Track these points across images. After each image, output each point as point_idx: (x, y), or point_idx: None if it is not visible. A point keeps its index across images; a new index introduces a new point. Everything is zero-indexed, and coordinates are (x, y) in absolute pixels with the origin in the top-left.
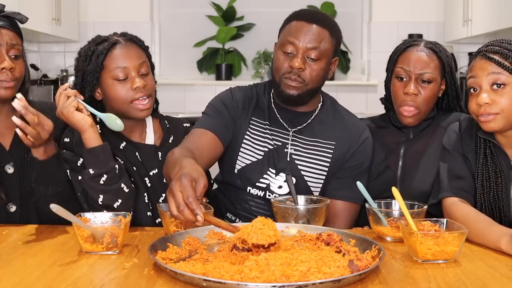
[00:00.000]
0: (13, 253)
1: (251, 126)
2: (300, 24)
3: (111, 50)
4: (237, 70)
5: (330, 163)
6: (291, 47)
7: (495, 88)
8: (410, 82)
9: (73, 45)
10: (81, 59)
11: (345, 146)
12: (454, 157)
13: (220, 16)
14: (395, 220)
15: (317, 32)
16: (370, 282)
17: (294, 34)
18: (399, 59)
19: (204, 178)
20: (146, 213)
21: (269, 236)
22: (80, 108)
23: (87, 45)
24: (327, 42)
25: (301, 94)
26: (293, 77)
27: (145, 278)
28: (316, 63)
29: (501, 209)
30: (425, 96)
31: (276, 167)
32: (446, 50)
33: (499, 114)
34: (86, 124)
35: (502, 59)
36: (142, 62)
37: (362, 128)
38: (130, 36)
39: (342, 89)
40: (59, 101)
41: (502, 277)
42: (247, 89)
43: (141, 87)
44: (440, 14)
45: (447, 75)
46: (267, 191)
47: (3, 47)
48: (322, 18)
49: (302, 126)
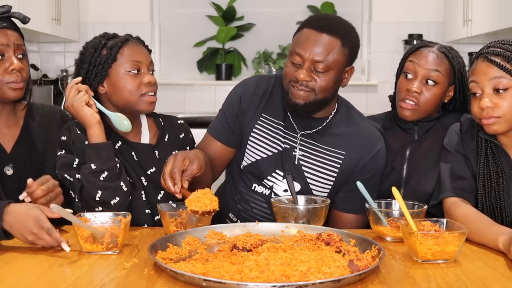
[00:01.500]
0: (13, 253)
1: (259, 122)
2: (309, 33)
3: (125, 44)
4: (237, 70)
5: (338, 173)
6: (298, 58)
7: (497, 92)
8: (415, 80)
9: (73, 45)
10: (89, 52)
11: (356, 157)
12: (455, 158)
13: (220, 16)
14: (395, 220)
15: (326, 43)
16: (370, 282)
17: (302, 45)
18: (411, 55)
19: (200, 162)
20: (144, 211)
21: (204, 205)
22: (90, 103)
23: (95, 39)
24: (337, 53)
25: (307, 103)
26: (300, 87)
27: (145, 278)
28: (323, 74)
29: (502, 209)
30: (427, 97)
31: (284, 169)
32: (459, 57)
33: (501, 117)
34: (93, 120)
35: (504, 61)
36: (151, 61)
37: (376, 139)
38: (138, 37)
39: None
40: (69, 94)
41: (502, 277)
42: (265, 80)
43: (152, 83)
44: (440, 14)
45: (457, 81)
46: (272, 192)
47: (11, 48)
48: (335, 26)
49: (313, 131)
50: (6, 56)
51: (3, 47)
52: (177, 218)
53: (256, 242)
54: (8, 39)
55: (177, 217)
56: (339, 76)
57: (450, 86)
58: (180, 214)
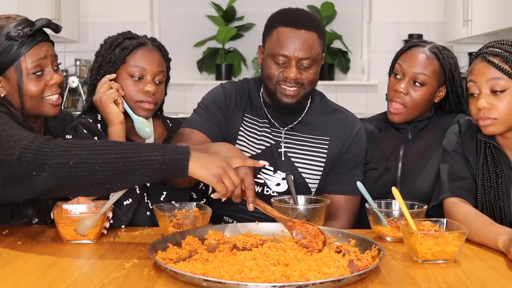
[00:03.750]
0: (13, 253)
1: (244, 123)
2: (287, 31)
3: (137, 48)
4: (237, 70)
5: (326, 158)
6: (282, 58)
7: (494, 93)
8: (403, 80)
9: (73, 45)
10: (106, 46)
11: (340, 140)
12: (454, 159)
13: (220, 16)
14: (395, 220)
15: (307, 39)
16: (370, 282)
17: (284, 45)
18: (401, 56)
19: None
20: (145, 213)
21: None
22: (118, 102)
23: (116, 36)
24: (317, 45)
25: (299, 100)
26: (290, 84)
27: (145, 278)
28: (310, 68)
29: (501, 209)
30: (414, 98)
31: (274, 165)
32: (452, 58)
33: (498, 119)
34: (117, 118)
35: (502, 62)
36: (160, 70)
37: (353, 120)
38: (158, 43)
39: (342, 89)
40: (101, 88)
41: (502, 277)
42: (239, 84)
43: (151, 92)
44: (440, 14)
45: (448, 82)
46: (265, 186)
47: (49, 61)
48: (308, 20)
49: (294, 124)
50: (46, 70)
51: (43, 61)
52: (173, 219)
53: (256, 242)
54: (46, 52)
55: (173, 217)
56: (319, 67)
57: (441, 87)
58: (175, 214)
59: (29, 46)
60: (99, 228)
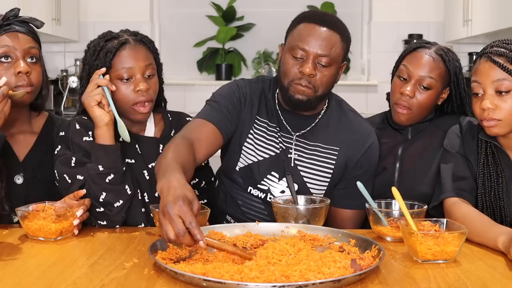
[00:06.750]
0: (13, 253)
1: (255, 126)
2: (310, 27)
3: (120, 50)
4: (237, 70)
5: (333, 170)
6: (301, 52)
7: (499, 93)
8: (409, 83)
9: (73, 45)
10: (90, 53)
11: (350, 153)
12: (455, 159)
13: (220, 16)
14: (395, 220)
15: (329, 37)
16: (370, 282)
17: (304, 39)
18: (406, 57)
19: (197, 200)
20: (140, 210)
21: None
22: (103, 103)
23: (97, 39)
24: (338, 47)
25: (310, 99)
26: (304, 83)
27: (145, 278)
28: (326, 69)
29: (502, 209)
30: (420, 101)
31: (279, 172)
32: (456, 60)
33: (502, 120)
34: (101, 121)
35: (507, 63)
36: (148, 64)
37: (367, 132)
38: (141, 36)
39: (342, 89)
40: (88, 87)
41: (502, 277)
42: (253, 83)
43: (143, 91)
44: (440, 14)
45: (452, 84)
46: (269, 193)
47: (19, 52)
48: (333, 21)
49: (306, 130)
50: (13, 59)
51: (9, 49)
52: None
53: (256, 242)
54: (17, 42)
55: None
56: (337, 71)
57: (445, 89)
58: None
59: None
60: (63, 228)
